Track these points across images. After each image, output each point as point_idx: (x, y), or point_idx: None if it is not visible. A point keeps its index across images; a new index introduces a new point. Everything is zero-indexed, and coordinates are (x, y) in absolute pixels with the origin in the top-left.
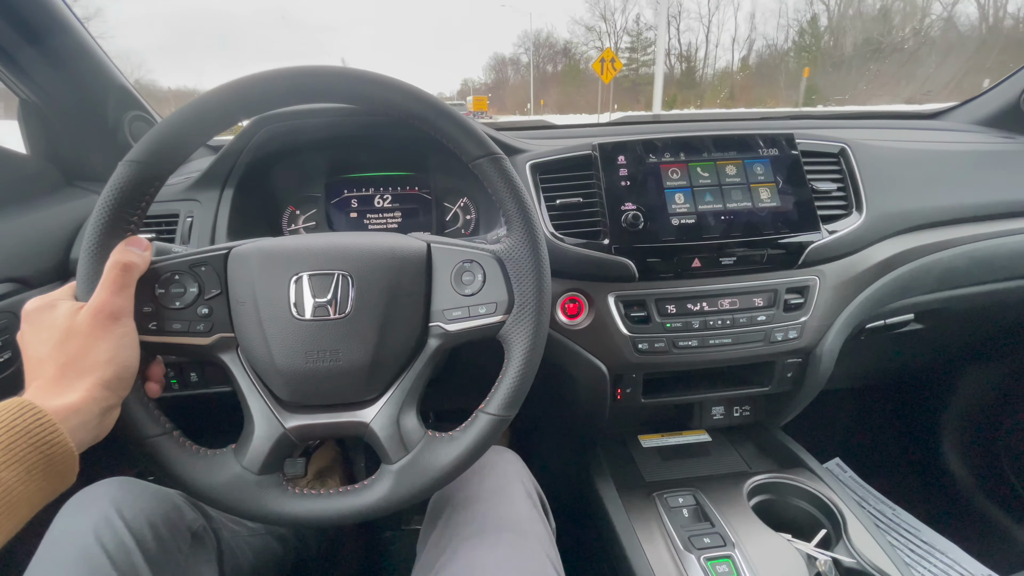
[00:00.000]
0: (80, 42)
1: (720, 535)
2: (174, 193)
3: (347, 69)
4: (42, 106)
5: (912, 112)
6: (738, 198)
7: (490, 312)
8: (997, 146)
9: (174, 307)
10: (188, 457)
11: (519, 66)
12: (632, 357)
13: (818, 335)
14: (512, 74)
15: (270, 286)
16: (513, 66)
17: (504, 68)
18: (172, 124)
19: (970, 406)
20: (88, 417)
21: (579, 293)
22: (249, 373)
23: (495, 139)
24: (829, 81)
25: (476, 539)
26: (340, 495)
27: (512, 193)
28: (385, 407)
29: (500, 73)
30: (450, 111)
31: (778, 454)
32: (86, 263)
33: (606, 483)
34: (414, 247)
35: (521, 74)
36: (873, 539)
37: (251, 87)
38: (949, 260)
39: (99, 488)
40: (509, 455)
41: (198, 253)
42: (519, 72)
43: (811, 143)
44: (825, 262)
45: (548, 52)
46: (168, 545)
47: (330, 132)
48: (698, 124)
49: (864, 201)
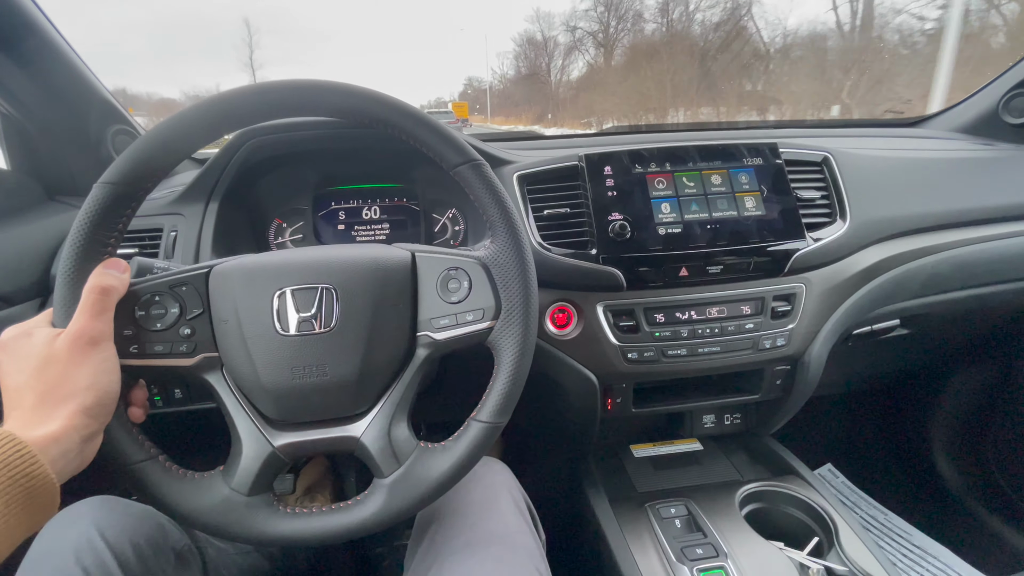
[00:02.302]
0: (61, 55)
1: (712, 545)
2: (158, 207)
3: (325, 82)
4: (23, 120)
5: (893, 120)
6: (724, 207)
7: (477, 319)
8: (977, 153)
9: (155, 329)
10: (174, 482)
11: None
12: (622, 366)
13: (806, 342)
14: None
15: (253, 303)
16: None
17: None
18: (147, 143)
19: (959, 409)
20: (69, 446)
21: (568, 303)
22: (235, 392)
23: (481, 150)
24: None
25: (464, 553)
26: (333, 512)
27: (493, 198)
28: (375, 420)
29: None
30: (428, 119)
31: (769, 462)
32: (63, 289)
33: (598, 494)
34: (398, 257)
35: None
36: (865, 546)
37: (229, 103)
38: (933, 266)
39: (80, 508)
40: (497, 466)
41: (178, 273)
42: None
43: (794, 152)
44: (811, 269)
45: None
46: (151, 566)
47: (317, 144)
48: (683, 134)
49: (848, 209)
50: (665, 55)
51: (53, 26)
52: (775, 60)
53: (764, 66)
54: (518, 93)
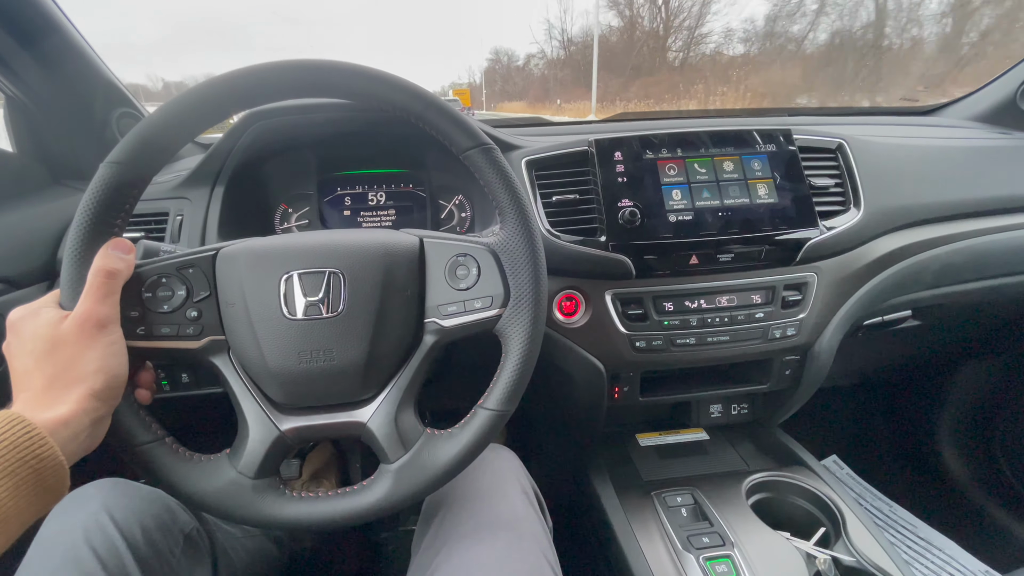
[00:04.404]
0: (67, 38)
1: (719, 534)
2: (163, 191)
3: (332, 62)
4: (28, 103)
5: (909, 108)
6: (736, 194)
7: (486, 306)
8: (993, 142)
9: (162, 311)
10: (182, 464)
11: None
12: (629, 355)
13: (816, 332)
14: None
15: (260, 286)
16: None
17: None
18: (154, 123)
19: (968, 402)
20: (78, 429)
21: (576, 291)
22: (241, 376)
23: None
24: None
25: (471, 539)
26: (339, 497)
27: (504, 184)
28: (382, 406)
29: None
30: (439, 102)
31: (776, 452)
32: (69, 269)
33: (604, 482)
34: (407, 242)
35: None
36: (872, 537)
37: (233, 83)
38: (947, 256)
39: (90, 489)
40: (505, 453)
41: (185, 255)
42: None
43: (809, 139)
44: (823, 258)
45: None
46: (160, 548)
47: (323, 128)
48: (695, 120)
49: (862, 197)
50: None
51: (60, 8)
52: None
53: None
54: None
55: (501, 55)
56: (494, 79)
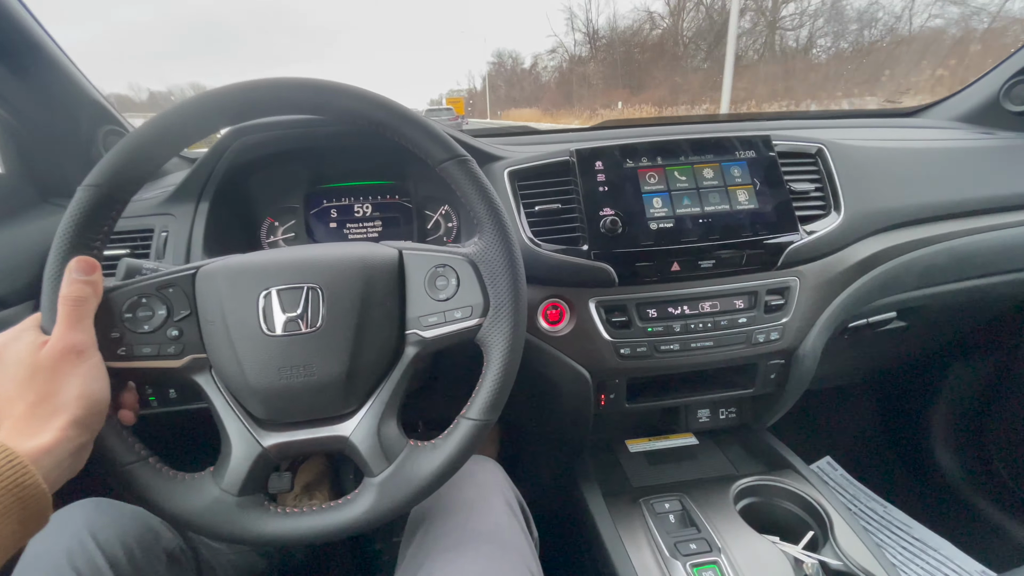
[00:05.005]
0: (51, 57)
1: (706, 540)
2: (148, 207)
3: (306, 79)
4: (14, 122)
5: (891, 110)
6: (716, 201)
7: (466, 316)
8: (975, 142)
9: (143, 331)
10: (164, 483)
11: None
12: (614, 362)
13: (800, 336)
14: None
15: (238, 303)
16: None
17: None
18: (130, 145)
19: (958, 401)
20: (61, 457)
21: (560, 299)
22: (223, 393)
23: (470, 146)
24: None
25: (453, 552)
26: (322, 511)
27: (480, 194)
28: (364, 419)
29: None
30: (412, 115)
31: (765, 456)
32: (48, 294)
33: (592, 489)
34: (385, 255)
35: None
36: (860, 540)
37: (207, 104)
38: (929, 257)
39: (73, 510)
40: (489, 464)
41: (165, 275)
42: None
43: (788, 144)
44: (805, 263)
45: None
46: (142, 567)
47: (308, 142)
48: (675, 127)
49: (842, 201)
50: None
51: (43, 28)
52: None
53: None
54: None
55: (505, 57)
56: (497, 84)
